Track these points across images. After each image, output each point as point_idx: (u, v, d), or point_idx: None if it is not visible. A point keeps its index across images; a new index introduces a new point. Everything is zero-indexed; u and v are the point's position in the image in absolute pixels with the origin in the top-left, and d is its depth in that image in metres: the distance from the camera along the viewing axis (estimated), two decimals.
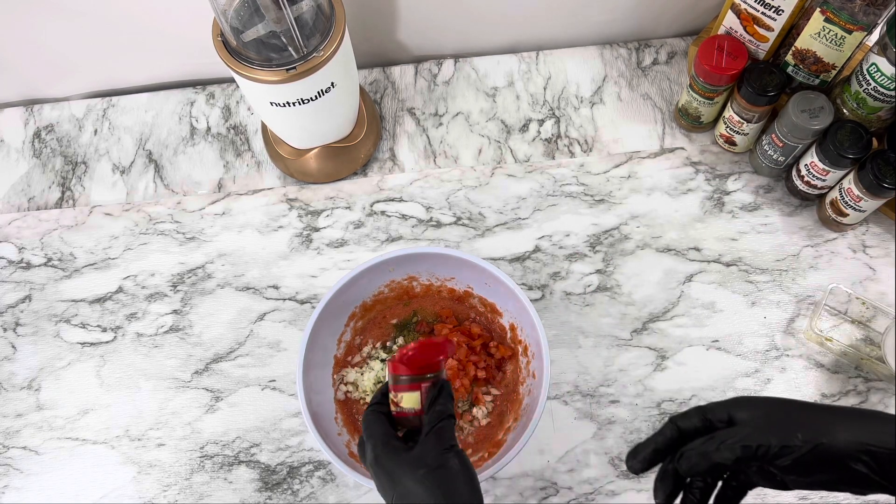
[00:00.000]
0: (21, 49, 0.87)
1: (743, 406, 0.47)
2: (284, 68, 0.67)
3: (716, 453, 0.45)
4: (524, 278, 0.81)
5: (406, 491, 0.48)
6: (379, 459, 0.50)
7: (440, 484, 0.48)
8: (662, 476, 0.49)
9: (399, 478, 0.49)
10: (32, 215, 0.86)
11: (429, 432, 0.50)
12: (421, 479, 0.48)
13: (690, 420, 0.48)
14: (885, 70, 0.69)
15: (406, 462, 0.49)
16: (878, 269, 0.80)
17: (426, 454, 0.49)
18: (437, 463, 0.49)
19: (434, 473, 0.48)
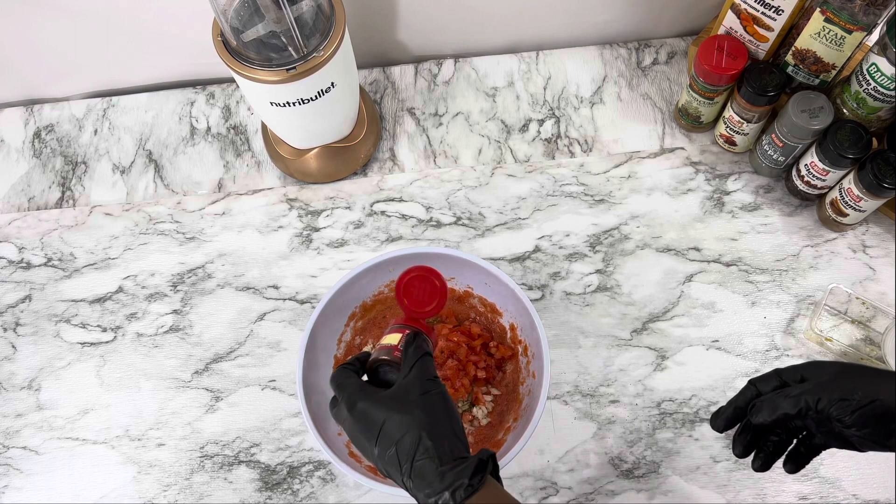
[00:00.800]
0: (21, 49, 0.87)
1: (812, 367, 0.52)
2: (284, 68, 0.67)
3: (782, 404, 0.50)
4: (524, 278, 0.81)
5: (391, 421, 0.49)
6: (356, 404, 0.51)
7: (427, 407, 0.50)
8: (741, 430, 0.55)
9: (382, 414, 0.49)
10: (32, 215, 0.86)
11: (412, 366, 0.52)
12: (406, 409, 0.49)
13: (768, 381, 0.53)
14: (885, 70, 0.69)
15: (388, 397, 0.51)
16: (878, 269, 0.80)
17: (411, 385, 0.51)
18: (423, 390, 0.51)
19: (420, 400, 0.50)
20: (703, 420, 0.74)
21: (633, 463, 0.73)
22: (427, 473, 0.47)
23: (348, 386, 0.53)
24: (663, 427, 0.74)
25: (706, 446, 0.73)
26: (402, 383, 0.52)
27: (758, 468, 0.56)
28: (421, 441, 0.48)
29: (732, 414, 0.54)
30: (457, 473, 0.46)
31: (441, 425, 0.49)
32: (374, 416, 0.50)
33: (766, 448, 0.55)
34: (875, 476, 0.71)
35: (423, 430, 0.48)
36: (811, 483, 0.71)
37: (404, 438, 0.48)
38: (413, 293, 0.55)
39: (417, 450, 0.48)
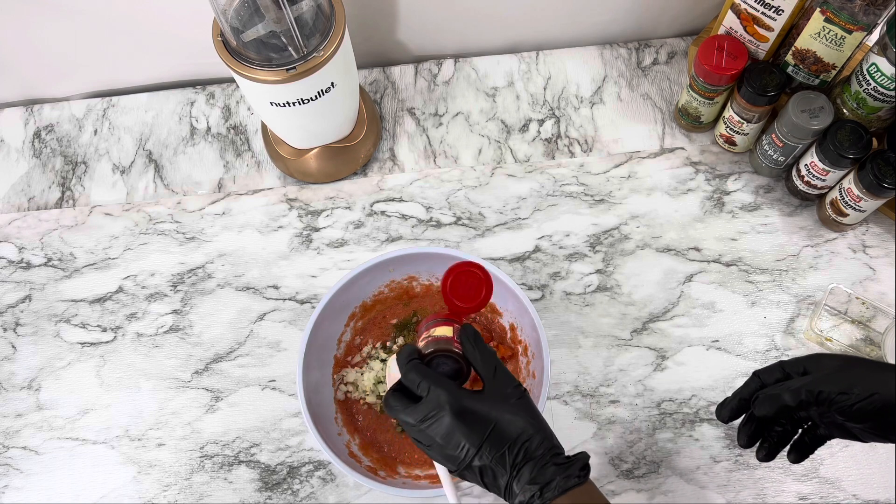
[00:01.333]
0: (21, 49, 0.87)
1: (814, 360, 0.54)
2: (284, 68, 0.67)
3: (784, 396, 0.52)
4: (524, 278, 0.81)
5: (503, 422, 0.50)
6: (463, 404, 0.50)
7: (528, 410, 0.52)
8: (746, 421, 0.57)
9: (491, 415, 0.50)
10: (32, 215, 0.86)
11: (495, 371, 0.53)
12: (512, 411, 0.51)
13: (771, 373, 0.55)
14: (885, 70, 0.69)
15: (491, 399, 0.51)
16: (878, 269, 0.80)
17: (506, 390, 0.52)
18: (517, 395, 0.52)
19: (520, 403, 0.52)
20: (703, 420, 0.74)
21: (633, 463, 0.73)
22: (537, 469, 0.49)
23: (445, 385, 0.51)
24: (663, 427, 0.74)
25: (706, 446, 0.73)
26: (496, 383, 0.52)
27: (762, 458, 0.57)
28: (533, 439, 0.50)
29: (737, 405, 0.56)
30: (566, 468, 0.49)
31: (543, 424, 0.52)
32: (482, 416, 0.50)
33: (770, 438, 0.57)
34: (875, 476, 0.71)
35: (534, 429, 0.50)
36: (811, 483, 0.71)
37: (518, 439, 0.50)
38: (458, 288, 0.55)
39: (529, 448, 0.49)
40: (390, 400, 0.52)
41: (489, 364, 0.53)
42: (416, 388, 0.52)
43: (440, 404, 0.50)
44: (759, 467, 0.72)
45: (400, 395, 0.52)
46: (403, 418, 0.52)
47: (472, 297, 0.55)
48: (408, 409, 0.51)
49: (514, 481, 0.49)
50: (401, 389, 0.53)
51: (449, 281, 0.54)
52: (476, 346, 0.54)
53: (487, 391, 0.52)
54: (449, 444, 0.50)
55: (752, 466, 0.72)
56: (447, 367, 0.54)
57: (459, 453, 0.50)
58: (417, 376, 0.52)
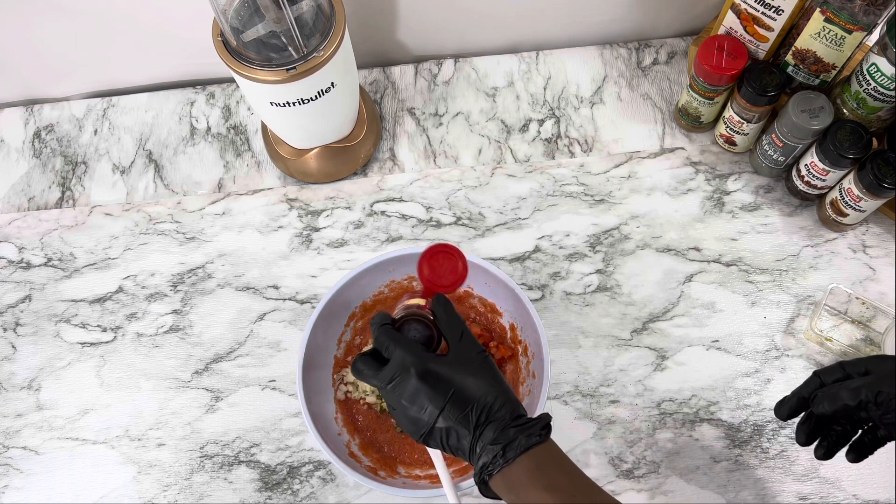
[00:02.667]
0: (21, 49, 0.87)
1: (876, 361, 0.55)
2: (284, 68, 0.67)
3: (843, 395, 0.52)
4: (524, 278, 0.81)
5: (464, 386, 0.51)
6: (428, 367, 0.51)
7: (491, 373, 0.53)
8: (804, 419, 0.58)
9: (454, 377, 0.51)
10: (32, 215, 0.86)
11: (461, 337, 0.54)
12: (475, 374, 0.52)
13: (832, 373, 0.56)
14: (885, 70, 0.69)
15: (455, 363, 0.52)
16: (878, 269, 0.80)
17: (470, 354, 0.53)
18: (481, 359, 0.53)
19: (483, 367, 0.53)
20: (703, 420, 0.74)
21: (633, 463, 0.73)
22: (499, 430, 0.49)
23: (411, 348, 0.52)
24: (663, 427, 0.74)
25: (706, 446, 0.73)
26: (460, 347, 0.53)
27: (820, 456, 0.58)
28: (496, 401, 0.51)
29: (796, 403, 0.57)
30: (528, 428, 0.50)
31: (506, 388, 0.52)
32: (446, 379, 0.51)
33: (829, 437, 0.58)
34: (875, 476, 0.71)
35: (496, 392, 0.51)
36: (811, 483, 0.71)
37: (480, 400, 0.50)
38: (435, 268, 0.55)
39: (492, 410, 0.50)
40: (358, 363, 0.54)
41: (456, 329, 0.54)
42: (384, 351, 0.53)
43: (405, 366, 0.51)
44: (758, 467, 0.72)
45: (369, 358, 0.54)
46: (370, 381, 0.53)
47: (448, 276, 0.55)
48: (374, 371, 0.53)
49: (476, 442, 0.50)
50: (371, 354, 0.54)
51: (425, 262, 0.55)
52: (445, 311, 0.55)
53: (452, 355, 0.53)
54: (413, 405, 0.51)
55: (751, 466, 0.72)
56: (418, 334, 0.55)
57: (423, 415, 0.51)
58: (386, 339, 0.53)
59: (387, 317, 0.55)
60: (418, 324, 0.55)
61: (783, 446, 0.73)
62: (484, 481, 0.50)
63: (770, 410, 0.74)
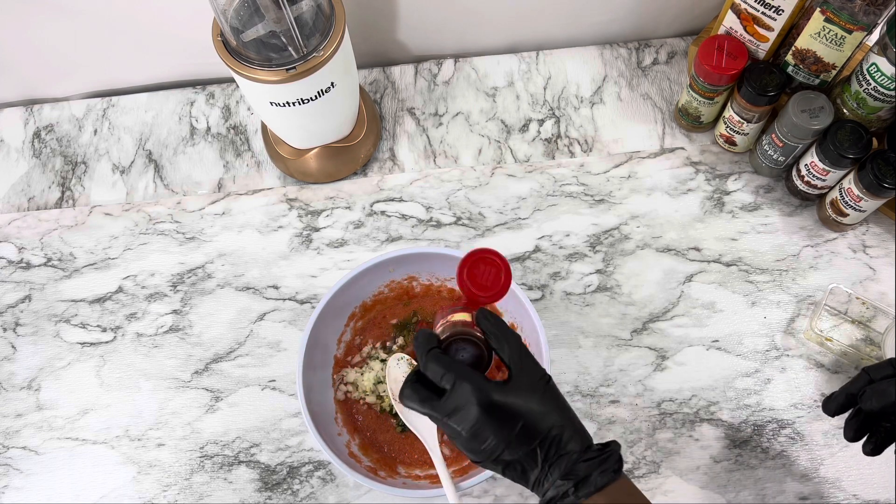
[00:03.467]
0: (21, 49, 0.87)
1: None
2: (284, 68, 0.67)
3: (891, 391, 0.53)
4: (524, 278, 0.81)
5: (533, 416, 0.48)
6: (493, 399, 0.48)
7: (557, 401, 0.50)
8: (853, 416, 0.58)
9: (521, 409, 0.48)
10: (32, 215, 0.86)
11: (522, 360, 0.51)
12: (541, 402, 0.49)
13: (880, 370, 0.56)
14: (885, 70, 0.69)
15: (519, 392, 0.49)
16: (878, 269, 0.80)
17: (533, 380, 0.50)
18: (544, 385, 0.50)
19: (546, 394, 0.50)
20: (703, 420, 0.74)
21: (633, 463, 0.73)
22: (570, 464, 0.48)
23: (471, 377, 0.48)
24: (663, 427, 0.74)
25: (706, 446, 0.73)
26: (524, 372, 0.50)
27: (868, 452, 0.58)
28: (564, 434, 0.48)
29: (844, 400, 0.57)
30: (600, 463, 0.48)
31: (573, 416, 0.50)
32: (512, 411, 0.48)
33: (878, 433, 0.57)
34: (875, 476, 0.71)
35: (564, 422, 0.49)
36: (811, 483, 0.71)
37: (549, 434, 0.48)
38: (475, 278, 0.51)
39: (561, 443, 0.48)
40: (408, 391, 0.50)
41: (515, 351, 0.50)
42: (439, 380, 0.49)
43: (467, 399, 0.47)
44: (758, 467, 0.72)
45: (419, 386, 0.50)
46: (425, 412, 0.49)
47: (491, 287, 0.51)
48: (429, 402, 0.49)
49: (545, 477, 0.48)
50: (419, 379, 0.50)
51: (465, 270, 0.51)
52: (500, 331, 0.51)
53: (514, 382, 0.49)
54: (476, 438, 0.48)
55: (751, 466, 0.72)
56: (467, 354, 0.52)
57: (487, 447, 0.48)
58: (440, 367, 0.49)
59: (432, 338, 0.51)
60: (466, 343, 0.52)
61: (783, 446, 0.73)
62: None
63: (770, 410, 0.74)
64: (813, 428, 0.73)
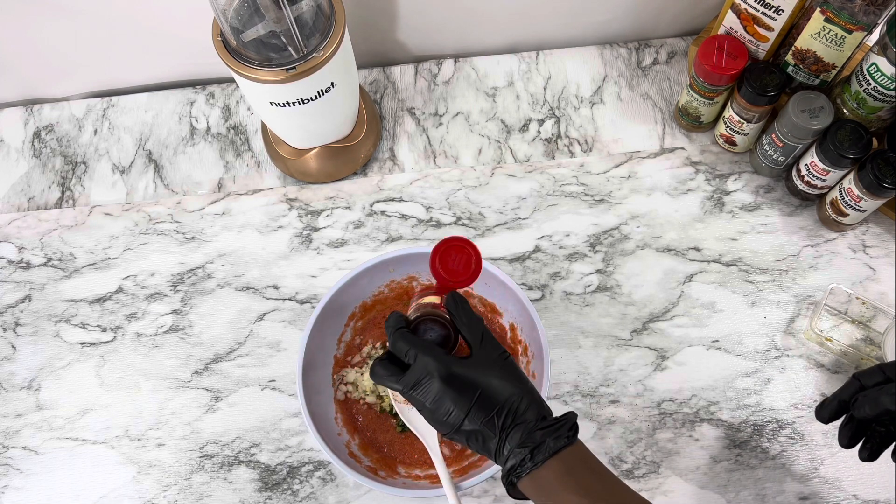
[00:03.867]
0: (21, 49, 0.87)
1: None
2: (284, 68, 0.67)
3: (883, 399, 0.53)
4: (524, 278, 0.81)
5: (491, 387, 0.51)
6: (451, 370, 0.51)
7: (515, 374, 0.53)
8: (846, 422, 0.58)
9: (478, 380, 0.51)
10: (32, 215, 0.86)
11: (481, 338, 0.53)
12: (499, 376, 0.52)
13: (871, 376, 0.56)
14: (885, 70, 0.69)
15: (478, 365, 0.52)
16: (878, 269, 0.80)
17: (492, 356, 0.53)
18: (503, 360, 0.53)
19: (506, 368, 0.52)
20: (703, 420, 0.74)
21: (633, 463, 0.73)
22: (526, 433, 0.49)
23: (433, 352, 0.51)
24: (663, 427, 0.74)
25: (706, 446, 0.73)
26: (483, 349, 0.53)
27: (865, 458, 0.58)
28: (521, 403, 0.50)
29: (837, 407, 0.57)
30: (555, 430, 0.49)
31: (531, 388, 0.52)
32: (470, 382, 0.51)
33: (873, 439, 0.57)
34: (875, 476, 0.71)
35: (521, 394, 0.51)
36: (811, 483, 0.71)
37: (507, 402, 0.50)
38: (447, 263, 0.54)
39: (518, 412, 0.50)
40: (377, 368, 0.53)
41: (476, 330, 0.53)
42: (403, 356, 0.52)
43: (428, 371, 0.51)
44: (758, 467, 0.72)
45: (387, 363, 0.53)
46: (392, 386, 0.52)
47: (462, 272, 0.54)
48: (395, 376, 0.52)
49: (503, 445, 0.50)
50: (389, 358, 0.54)
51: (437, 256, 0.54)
52: (463, 312, 0.54)
53: (475, 357, 0.52)
54: (439, 409, 0.51)
55: (751, 466, 0.72)
56: (434, 334, 0.55)
57: (449, 418, 0.50)
58: (405, 344, 0.52)
59: (401, 318, 0.55)
60: (434, 323, 0.55)
61: (783, 446, 0.73)
62: (512, 483, 0.50)
63: (770, 410, 0.74)
64: (813, 428, 0.73)
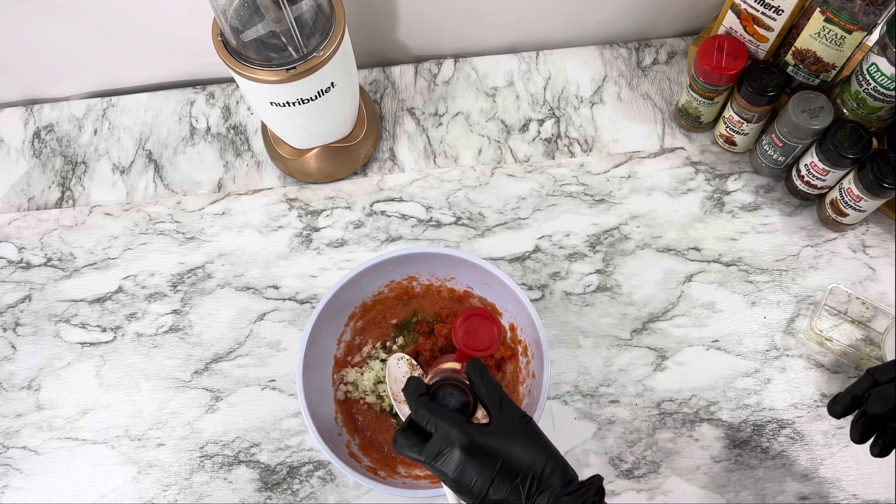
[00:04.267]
0: (21, 49, 0.87)
1: None
2: (284, 68, 0.67)
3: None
4: (524, 278, 0.81)
5: (513, 454, 0.50)
6: (473, 439, 0.50)
7: (537, 439, 0.52)
8: (858, 417, 0.58)
9: (501, 448, 0.51)
10: (32, 215, 0.86)
11: (502, 403, 0.53)
12: (522, 443, 0.51)
13: (885, 371, 0.56)
14: (885, 70, 0.69)
15: (499, 433, 0.52)
16: (878, 269, 0.80)
17: (513, 421, 0.52)
18: (524, 425, 0.52)
19: (527, 433, 0.52)
20: (703, 420, 0.74)
21: (633, 463, 0.73)
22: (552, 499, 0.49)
23: (454, 420, 0.51)
24: (663, 427, 0.74)
25: (706, 446, 0.73)
26: (502, 415, 0.53)
27: (876, 454, 0.58)
28: (545, 469, 0.50)
29: (849, 402, 0.57)
30: (581, 495, 0.49)
31: (554, 452, 0.52)
32: (492, 451, 0.50)
33: (885, 435, 0.57)
34: (875, 476, 0.71)
35: (545, 459, 0.50)
36: (811, 483, 0.71)
37: (530, 469, 0.50)
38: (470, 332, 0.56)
39: (542, 478, 0.50)
40: (399, 438, 0.53)
41: (495, 396, 0.53)
42: (425, 425, 0.52)
43: (450, 440, 0.50)
44: (758, 467, 0.72)
45: (409, 433, 0.53)
46: (414, 457, 0.52)
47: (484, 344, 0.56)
48: (417, 446, 0.52)
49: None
50: (411, 427, 0.53)
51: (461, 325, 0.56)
52: (481, 378, 0.54)
53: (495, 424, 0.52)
54: (462, 479, 0.50)
55: (751, 466, 0.72)
56: (454, 400, 0.55)
57: (473, 488, 0.50)
58: (427, 413, 0.52)
59: (422, 385, 0.55)
60: (453, 388, 0.55)
61: (783, 446, 0.73)
62: None
63: (770, 410, 0.74)
64: (813, 428, 0.73)
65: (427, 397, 0.54)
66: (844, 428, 0.73)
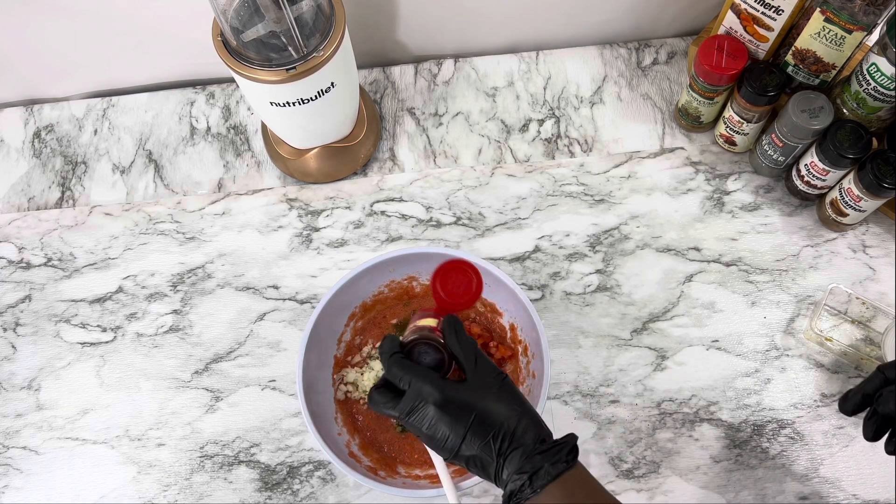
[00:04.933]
0: (21, 49, 0.87)
1: None
2: (284, 68, 0.67)
3: None
4: (524, 278, 0.81)
5: (486, 410, 0.50)
6: (447, 395, 0.50)
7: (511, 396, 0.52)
8: (870, 415, 0.57)
9: (473, 404, 0.51)
10: (32, 215, 0.86)
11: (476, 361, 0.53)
12: (495, 399, 0.51)
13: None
14: (885, 70, 0.69)
15: (473, 389, 0.51)
16: (878, 269, 0.80)
17: (488, 378, 0.52)
18: (499, 382, 0.52)
19: (502, 390, 0.52)
20: (703, 420, 0.74)
21: (633, 463, 0.73)
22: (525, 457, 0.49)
23: (427, 377, 0.51)
24: (663, 427, 0.74)
25: (706, 446, 0.73)
26: (477, 371, 0.52)
27: (891, 451, 0.57)
28: (518, 426, 0.50)
29: (861, 400, 0.57)
30: (554, 454, 0.49)
31: (528, 409, 0.52)
32: (465, 406, 0.50)
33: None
34: (875, 476, 0.71)
35: (518, 417, 0.50)
36: (811, 483, 0.71)
37: (503, 425, 0.50)
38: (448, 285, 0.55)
39: (515, 435, 0.49)
40: (374, 395, 0.53)
41: (469, 353, 0.53)
42: (398, 383, 0.52)
43: (422, 396, 0.50)
44: (758, 467, 0.72)
45: (384, 389, 0.53)
46: (388, 412, 0.52)
47: (462, 294, 0.55)
48: (391, 402, 0.52)
49: (501, 470, 0.49)
50: (385, 384, 0.53)
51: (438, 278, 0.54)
52: (457, 336, 0.54)
53: (469, 380, 0.52)
54: (435, 435, 0.50)
55: (751, 466, 0.72)
56: (429, 358, 0.55)
57: (446, 444, 0.50)
58: (399, 370, 0.52)
59: (395, 343, 0.55)
60: (428, 347, 0.54)
61: (783, 446, 0.73)
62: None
63: (770, 410, 0.74)
64: (813, 428, 0.73)
65: (400, 355, 0.53)
66: (845, 428, 0.73)
